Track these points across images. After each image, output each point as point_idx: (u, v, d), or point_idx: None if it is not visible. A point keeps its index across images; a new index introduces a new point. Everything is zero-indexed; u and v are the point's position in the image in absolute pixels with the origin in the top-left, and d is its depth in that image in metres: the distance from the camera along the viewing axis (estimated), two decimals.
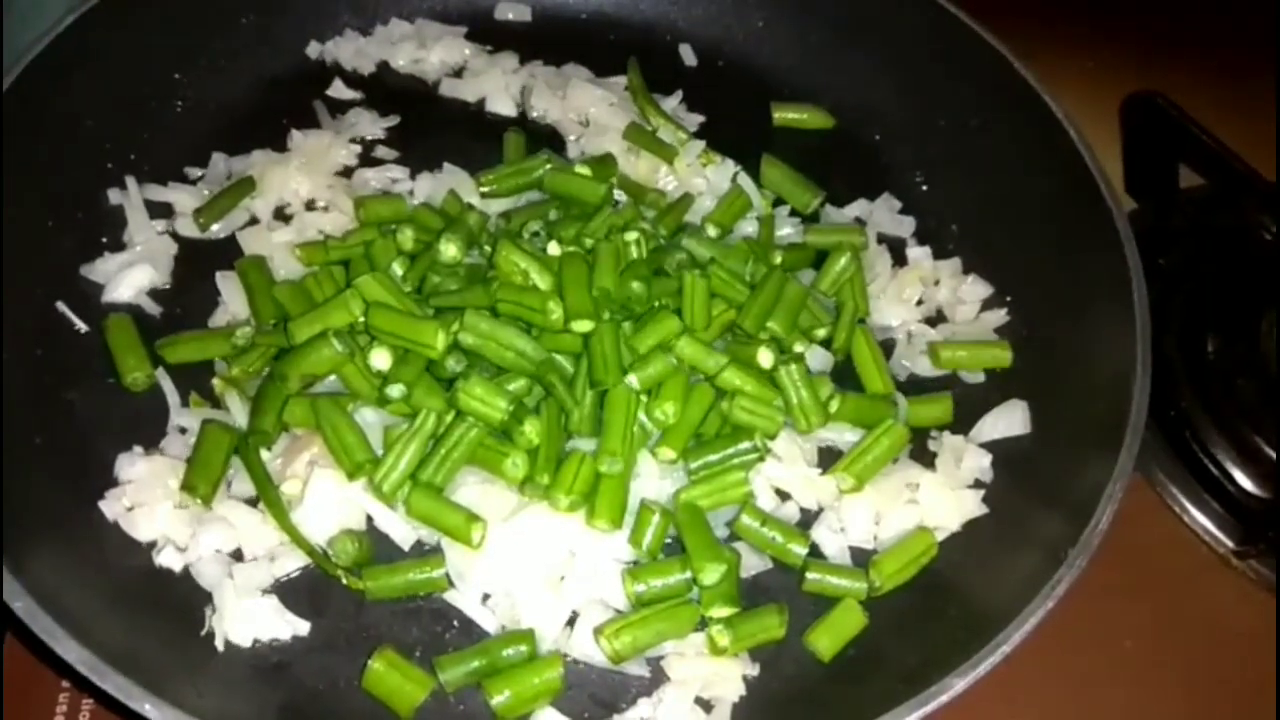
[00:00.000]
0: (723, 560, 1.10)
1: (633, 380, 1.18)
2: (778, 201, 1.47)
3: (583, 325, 1.20)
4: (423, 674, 1.07)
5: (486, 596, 1.14)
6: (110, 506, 1.13)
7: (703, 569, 1.10)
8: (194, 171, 1.40)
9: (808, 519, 1.22)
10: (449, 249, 1.25)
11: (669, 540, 1.17)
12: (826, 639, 1.13)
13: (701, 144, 1.47)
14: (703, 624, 1.11)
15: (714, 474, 1.18)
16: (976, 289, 1.40)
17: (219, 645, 1.08)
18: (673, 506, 1.17)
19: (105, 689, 0.93)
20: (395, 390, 1.15)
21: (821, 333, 1.32)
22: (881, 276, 1.41)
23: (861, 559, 1.19)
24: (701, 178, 1.46)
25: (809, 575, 1.16)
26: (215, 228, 1.36)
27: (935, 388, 1.33)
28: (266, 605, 1.10)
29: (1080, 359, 1.28)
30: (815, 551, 1.19)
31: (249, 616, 1.09)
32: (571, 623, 1.12)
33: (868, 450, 1.21)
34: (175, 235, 1.35)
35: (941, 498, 1.22)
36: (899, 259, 1.44)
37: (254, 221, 1.38)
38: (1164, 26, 1.86)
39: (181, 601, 1.11)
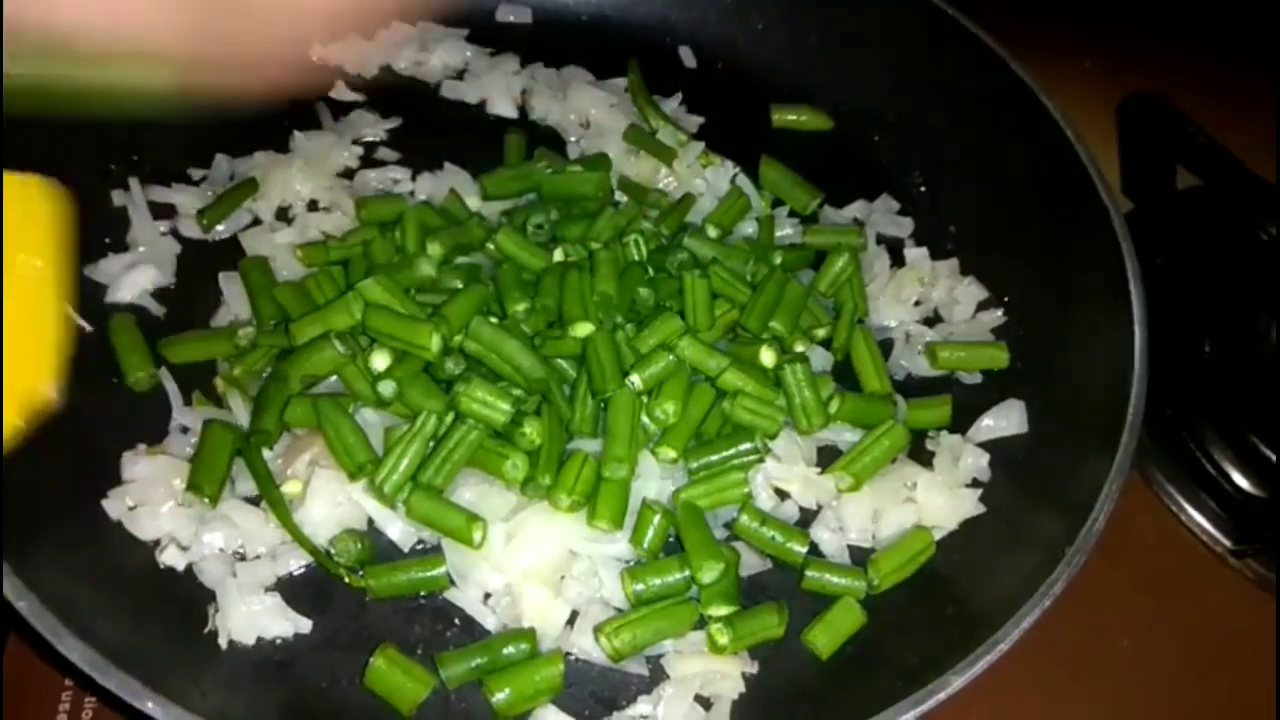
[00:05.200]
0: (721, 559, 1.11)
1: (635, 380, 1.18)
2: (777, 202, 1.48)
3: (583, 329, 1.21)
4: (424, 671, 1.08)
5: (487, 595, 1.14)
6: (113, 505, 1.14)
7: (701, 568, 1.10)
8: (197, 172, 1.41)
9: (807, 518, 1.23)
10: (433, 247, 1.27)
11: (669, 539, 1.17)
12: (825, 637, 1.13)
13: (701, 145, 1.48)
14: (702, 622, 1.12)
15: (713, 474, 1.19)
16: (973, 290, 1.41)
17: (222, 643, 1.09)
18: (672, 506, 1.18)
19: (108, 687, 0.93)
20: (386, 387, 1.16)
21: (822, 332, 1.33)
22: (880, 277, 1.41)
23: (860, 558, 1.20)
24: (701, 179, 1.46)
25: (808, 573, 1.16)
26: (218, 228, 1.37)
27: (933, 387, 1.34)
28: (269, 603, 1.10)
29: (1077, 359, 1.28)
30: (814, 550, 1.20)
31: (252, 615, 1.09)
32: (572, 621, 1.13)
33: (867, 450, 1.22)
34: (178, 236, 1.36)
35: (939, 497, 1.22)
36: (897, 260, 1.44)
37: (256, 222, 1.38)
38: (1162, 27, 1.86)
39: (184, 600, 1.11)
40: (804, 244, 1.43)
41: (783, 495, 1.23)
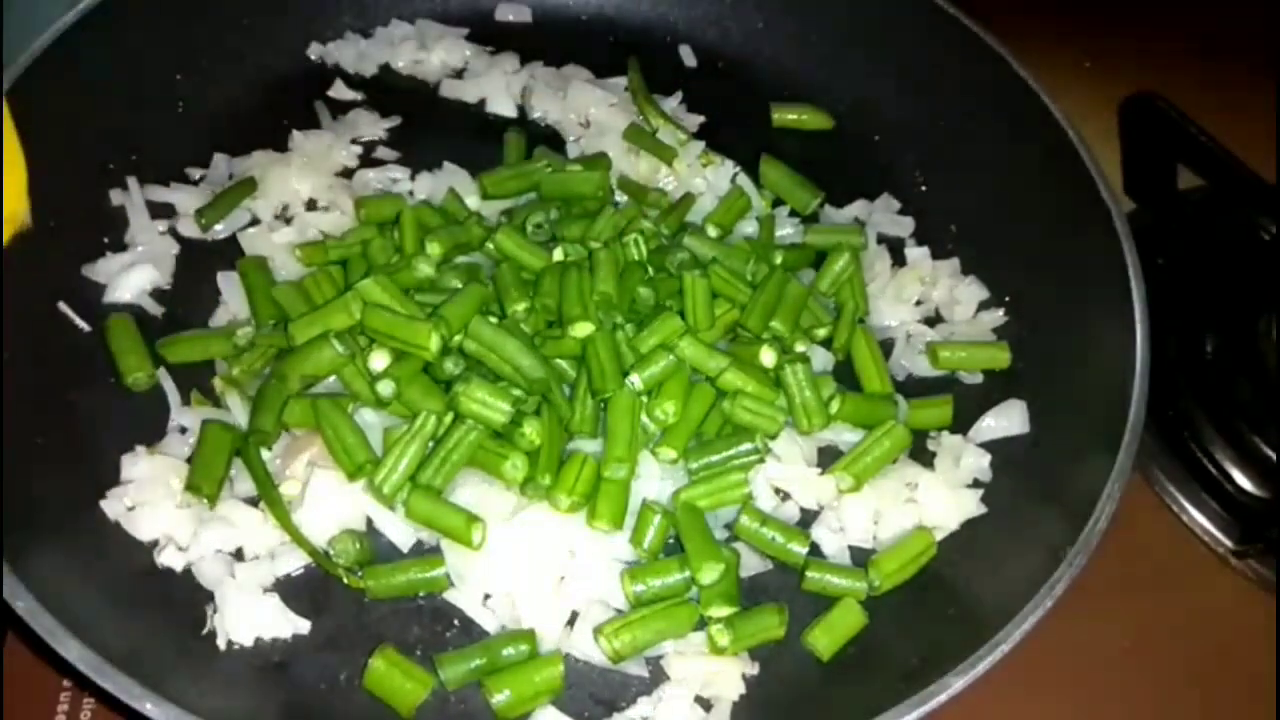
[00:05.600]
0: (721, 560, 1.11)
1: (635, 380, 1.18)
2: (777, 202, 1.47)
3: (583, 329, 1.20)
4: (423, 672, 1.07)
5: (487, 596, 1.14)
6: (112, 506, 1.14)
7: (701, 568, 1.10)
8: (195, 172, 1.41)
9: (807, 518, 1.22)
10: (432, 247, 1.26)
11: (669, 540, 1.17)
12: (826, 638, 1.13)
13: (701, 145, 1.48)
14: (703, 623, 1.12)
15: (714, 474, 1.19)
16: (975, 289, 1.40)
17: (220, 644, 1.09)
18: (672, 506, 1.18)
19: (106, 688, 0.93)
20: (385, 387, 1.16)
21: (822, 332, 1.33)
22: (881, 277, 1.41)
23: (861, 558, 1.20)
24: (701, 178, 1.46)
25: (808, 574, 1.16)
26: (217, 228, 1.36)
27: (934, 387, 1.33)
28: (268, 604, 1.10)
29: (1079, 359, 1.28)
30: (815, 551, 1.20)
31: (250, 615, 1.09)
32: (571, 622, 1.12)
33: (868, 450, 1.21)
34: (177, 235, 1.35)
35: (940, 497, 1.22)
36: (898, 259, 1.44)
37: (255, 222, 1.38)
38: (1163, 27, 1.86)
39: (183, 600, 1.11)
40: (804, 244, 1.42)
41: (783, 496, 1.23)
